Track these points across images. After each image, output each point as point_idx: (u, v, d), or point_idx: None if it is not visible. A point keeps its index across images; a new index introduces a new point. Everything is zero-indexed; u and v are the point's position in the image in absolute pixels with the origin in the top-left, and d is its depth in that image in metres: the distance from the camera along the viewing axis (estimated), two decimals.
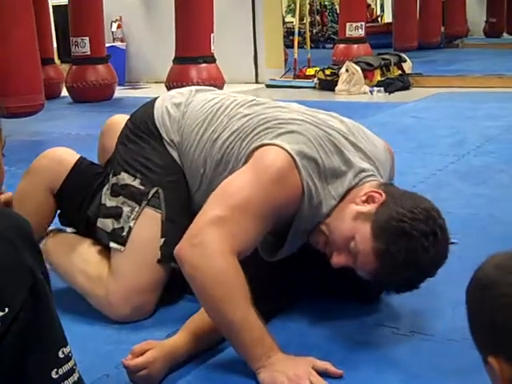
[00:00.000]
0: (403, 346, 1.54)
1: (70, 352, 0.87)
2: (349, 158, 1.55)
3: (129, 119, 1.85)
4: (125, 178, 1.74)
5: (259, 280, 1.45)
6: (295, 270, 1.73)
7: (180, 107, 1.78)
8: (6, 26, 3.93)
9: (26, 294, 0.82)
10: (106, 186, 1.77)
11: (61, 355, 0.86)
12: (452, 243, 2.14)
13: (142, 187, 1.71)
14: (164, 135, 1.75)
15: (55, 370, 0.85)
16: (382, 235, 1.43)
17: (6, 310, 0.80)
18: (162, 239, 1.69)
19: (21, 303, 0.82)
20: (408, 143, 3.76)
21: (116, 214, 1.71)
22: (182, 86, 6.33)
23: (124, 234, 1.69)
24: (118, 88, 6.66)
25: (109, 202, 1.74)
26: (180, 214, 1.72)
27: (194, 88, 1.87)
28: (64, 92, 6.62)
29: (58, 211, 1.90)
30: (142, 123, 1.79)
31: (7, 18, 3.92)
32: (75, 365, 0.88)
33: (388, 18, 14.90)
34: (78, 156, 1.91)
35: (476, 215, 2.48)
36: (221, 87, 6.06)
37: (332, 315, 1.70)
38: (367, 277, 1.50)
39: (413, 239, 1.40)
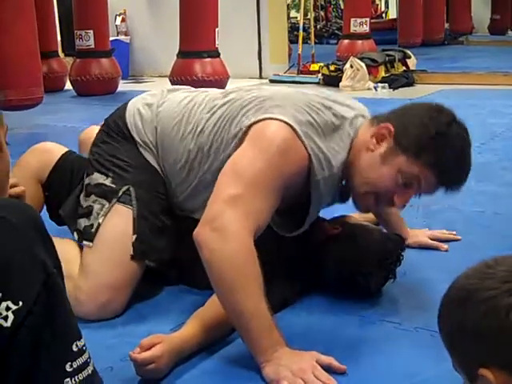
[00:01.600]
0: (406, 342, 1.54)
1: (84, 345, 0.87)
2: (338, 111, 1.59)
3: (103, 123, 1.86)
4: (97, 177, 1.74)
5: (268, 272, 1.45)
6: (299, 264, 1.73)
7: (152, 107, 1.78)
8: (6, 18, 3.92)
9: (39, 288, 0.82)
10: (81, 188, 1.79)
11: (75, 349, 0.86)
12: (453, 240, 2.16)
13: (113, 185, 1.72)
14: (136, 137, 1.76)
15: (69, 363, 0.85)
16: (420, 152, 1.50)
17: (20, 303, 0.80)
18: (134, 236, 1.68)
19: (34, 297, 0.82)
20: None
21: (88, 212, 1.72)
22: (187, 80, 6.33)
23: (93, 230, 1.69)
24: (121, 82, 6.66)
25: (84, 202, 1.75)
26: (152, 212, 1.72)
27: (165, 89, 1.87)
28: (68, 85, 6.61)
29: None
30: (115, 125, 1.80)
31: (7, 10, 3.91)
32: (89, 358, 0.88)
33: (392, 14, 14.85)
34: (66, 149, 1.97)
35: (480, 212, 2.47)
36: (225, 82, 6.05)
37: (334, 310, 1.70)
38: (435, 190, 1.58)
39: (444, 134, 1.50)
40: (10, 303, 0.80)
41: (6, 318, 0.80)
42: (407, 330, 1.59)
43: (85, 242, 1.70)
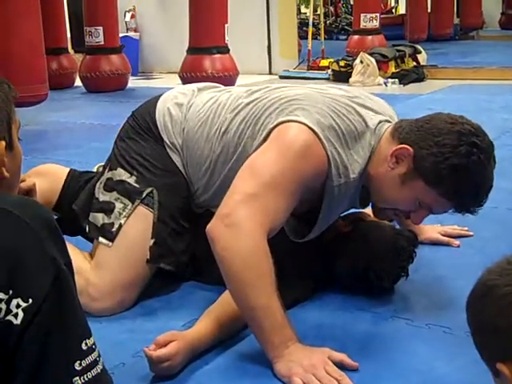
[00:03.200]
0: (418, 338, 1.53)
1: (93, 344, 0.87)
2: (363, 117, 1.56)
3: (131, 115, 1.84)
4: (121, 173, 1.73)
5: (280, 270, 1.45)
6: (311, 262, 1.73)
7: (182, 108, 1.76)
8: (10, 15, 3.93)
9: (49, 285, 0.82)
10: (100, 180, 1.77)
11: (84, 347, 0.85)
12: (466, 236, 2.14)
13: (137, 185, 1.70)
14: (165, 138, 1.74)
15: (78, 361, 0.84)
16: (438, 182, 1.48)
17: (30, 301, 0.80)
18: (152, 240, 1.68)
19: (44, 294, 0.82)
20: None
21: (108, 209, 1.70)
22: (196, 77, 6.32)
23: (114, 229, 1.68)
24: (131, 78, 6.67)
25: (102, 196, 1.73)
26: (173, 217, 1.71)
27: (195, 87, 1.84)
28: (77, 82, 6.63)
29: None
30: (144, 121, 1.78)
31: (13, 8, 3.92)
32: (99, 356, 0.88)
33: (402, 9, 14.79)
34: (68, 169, 1.96)
35: (494, 208, 2.45)
36: (234, 78, 6.05)
37: (347, 307, 1.69)
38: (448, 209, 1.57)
39: (464, 166, 1.45)
40: (20, 300, 0.80)
41: (16, 316, 0.80)
42: (419, 326, 1.58)
43: (102, 240, 1.69)
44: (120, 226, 1.68)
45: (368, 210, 1.94)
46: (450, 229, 2.15)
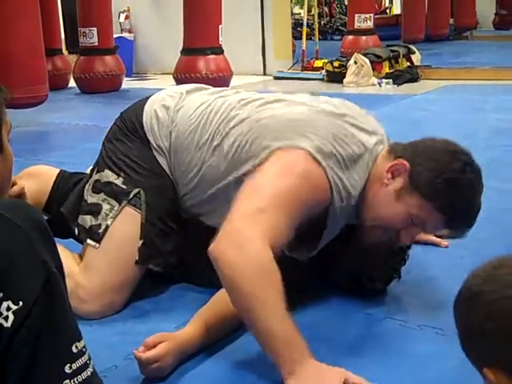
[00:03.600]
0: (411, 339, 1.54)
1: (83, 347, 0.87)
2: (361, 140, 1.58)
3: (119, 117, 1.84)
4: (108, 175, 1.73)
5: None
6: (303, 263, 1.73)
7: (169, 111, 1.75)
8: (9, 16, 3.91)
9: (40, 289, 0.82)
10: (89, 182, 1.76)
11: (74, 350, 0.85)
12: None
13: (124, 186, 1.70)
14: (152, 141, 1.74)
15: (69, 364, 0.84)
16: (434, 196, 1.51)
17: (20, 303, 0.80)
18: (141, 241, 1.68)
19: (35, 297, 0.81)
20: (417, 135, 3.66)
21: (95, 210, 1.70)
22: (190, 78, 6.30)
23: (100, 231, 1.68)
24: (125, 79, 6.66)
25: (90, 198, 1.73)
26: (161, 218, 1.71)
27: (184, 90, 1.82)
28: (72, 83, 6.62)
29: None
30: (131, 123, 1.78)
31: (11, 9, 3.91)
32: (89, 359, 0.87)
33: (396, 9, 14.81)
34: (58, 170, 1.95)
35: (487, 208, 2.45)
36: (229, 79, 6.05)
37: (340, 308, 1.69)
38: (441, 231, 1.64)
39: (458, 181, 1.50)
40: (10, 303, 0.80)
41: (6, 318, 0.80)
42: (412, 327, 1.59)
43: (90, 242, 1.69)
44: (107, 227, 1.68)
45: None
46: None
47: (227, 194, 1.59)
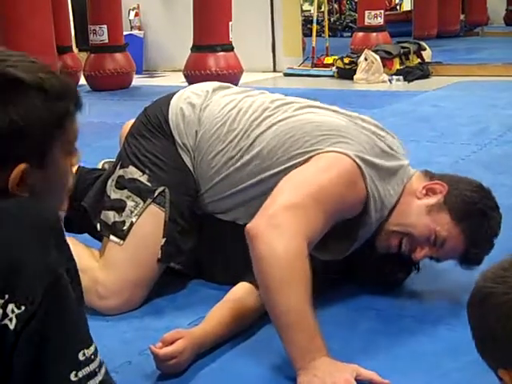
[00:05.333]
0: (424, 336, 1.54)
1: (92, 354, 0.83)
2: (394, 155, 1.65)
3: (143, 112, 1.83)
4: (133, 171, 1.73)
5: None
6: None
7: (195, 109, 1.75)
8: (22, 14, 3.93)
9: (44, 292, 0.79)
10: (112, 178, 1.76)
11: (81, 357, 0.81)
12: None
13: (149, 184, 1.70)
14: (177, 138, 1.74)
15: (74, 372, 0.81)
16: (464, 218, 1.60)
17: (23, 308, 0.78)
18: (164, 239, 1.69)
19: (38, 302, 0.79)
20: (429, 132, 3.72)
21: (119, 207, 1.70)
22: (200, 75, 6.29)
23: (125, 228, 1.68)
24: (135, 76, 6.65)
25: (113, 194, 1.73)
26: (182, 215, 1.72)
27: (210, 88, 1.81)
28: (82, 80, 6.63)
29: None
30: (155, 119, 1.77)
31: (24, 6, 3.92)
32: (99, 367, 0.84)
33: (407, 6, 14.74)
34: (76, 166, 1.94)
35: (499, 204, 2.44)
36: (239, 76, 6.04)
37: (351, 304, 1.69)
38: (453, 258, 1.68)
39: (488, 214, 1.62)
40: (14, 306, 0.78)
41: (11, 320, 0.78)
42: (424, 323, 1.59)
43: (113, 238, 1.69)
44: (131, 224, 1.68)
45: None
46: None
47: (253, 192, 1.63)
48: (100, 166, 2.17)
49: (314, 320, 1.34)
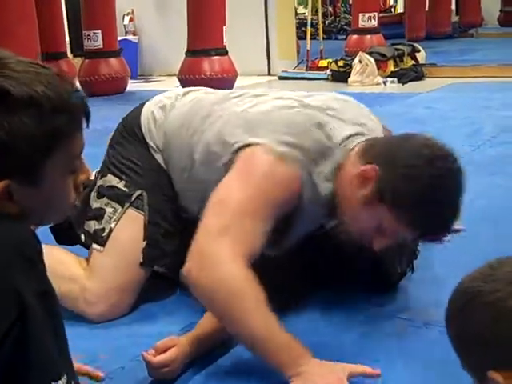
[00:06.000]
0: (417, 338, 1.53)
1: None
2: (330, 133, 1.50)
3: (120, 122, 1.86)
4: (111, 179, 1.74)
5: (270, 273, 1.44)
6: (308, 261, 1.72)
7: (165, 111, 1.77)
8: (8, 22, 3.93)
9: (12, 322, 0.76)
10: (94, 189, 1.77)
11: None
12: (458, 231, 2.13)
13: (126, 189, 1.71)
14: (149, 141, 1.75)
15: None
16: (402, 205, 1.39)
17: None
18: (145, 242, 1.69)
19: (4, 332, 0.75)
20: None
21: (99, 215, 1.71)
22: (195, 79, 6.29)
23: (104, 234, 1.69)
24: (130, 81, 6.67)
25: (94, 203, 1.74)
26: (165, 217, 1.72)
27: (182, 91, 1.85)
28: (77, 86, 6.63)
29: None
30: (129, 126, 1.80)
31: (9, 14, 3.92)
32: None
33: (401, 8, 14.79)
34: None
35: (492, 206, 2.46)
36: (233, 79, 6.05)
37: (345, 306, 1.69)
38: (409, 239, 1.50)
39: (436, 187, 1.38)
40: None
41: None
42: (417, 325, 1.58)
43: (95, 246, 1.70)
44: (110, 230, 1.69)
45: None
46: None
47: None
48: (92, 177, 2.17)
49: (282, 332, 1.32)
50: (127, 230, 1.69)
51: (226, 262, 1.35)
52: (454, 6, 12.65)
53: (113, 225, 1.69)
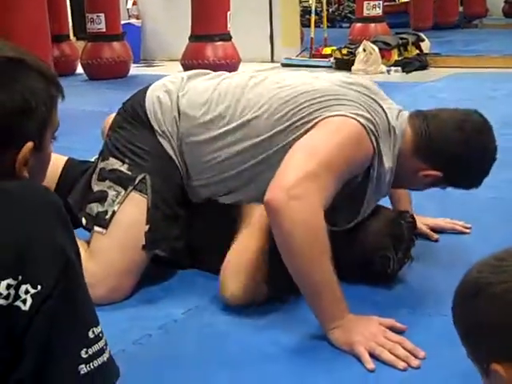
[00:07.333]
0: (419, 327, 1.53)
1: (100, 332, 0.86)
2: (386, 112, 1.65)
3: (121, 107, 1.84)
4: (113, 162, 1.74)
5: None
6: None
7: (172, 95, 1.76)
8: (16, 1, 3.88)
9: (58, 273, 0.82)
10: (95, 172, 1.77)
11: (91, 335, 0.84)
12: (465, 233, 2.11)
13: (129, 172, 1.71)
14: (155, 126, 1.74)
15: (85, 349, 0.84)
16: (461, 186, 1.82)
17: (39, 287, 0.80)
18: (147, 226, 1.69)
19: (54, 282, 0.81)
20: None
21: (101, 197, 1.71)
22: (198, 64, 6.26)
23: (107, 217, 1.68)
24: (133, 65, 6.63)
25: (96, 186, 1.74)
26: (167, 202, 1.72)
27: (185, 75, 1.84)
28: (79, 69, 6.60)
29: None
30: (133, 111, 1.78)
31: None
32: (106, 345, 0.87)
33: None
34: (66, 158, 1.96)
35: (499, 198, 2.45)
36: (236, 65, 6.02)
37: (347, 296, 1.67)
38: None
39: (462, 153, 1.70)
40: (29, 286, 0.79)
41: (24, 302, 0.79)
42: (420, 315, 1.58)
43: (97, 228, 1.69)
44: (113, 212, 1.68)
45: None
46: (442, 221, 2.12)
47: (259, 168, 1.64)
48: (93, 159, 2.16)
49: (338, 286, 1.44)
50: (130, 213, 1.69)
51: (314, 206, 1.42)
52: None
53: (116, 207, 1.68)
